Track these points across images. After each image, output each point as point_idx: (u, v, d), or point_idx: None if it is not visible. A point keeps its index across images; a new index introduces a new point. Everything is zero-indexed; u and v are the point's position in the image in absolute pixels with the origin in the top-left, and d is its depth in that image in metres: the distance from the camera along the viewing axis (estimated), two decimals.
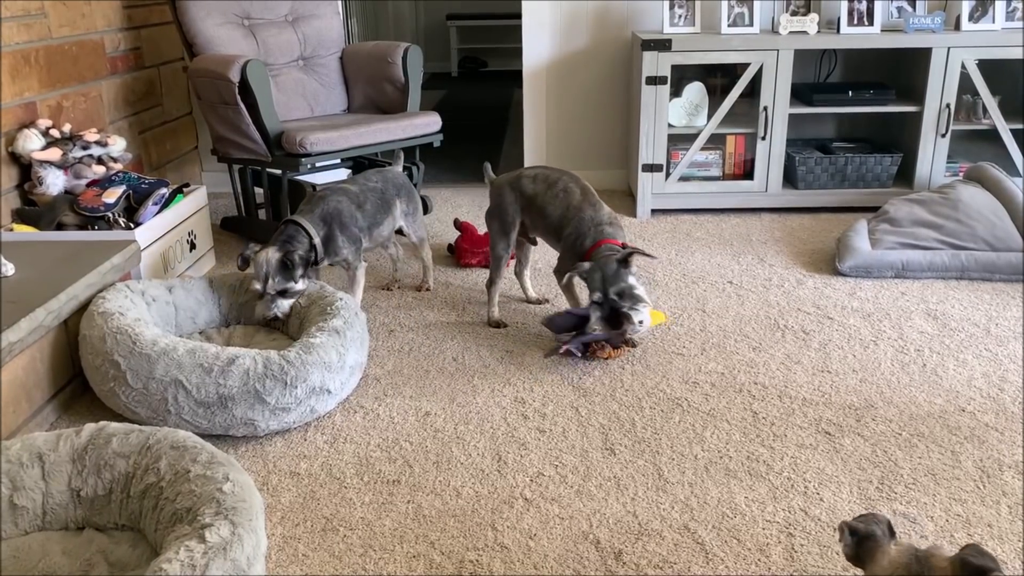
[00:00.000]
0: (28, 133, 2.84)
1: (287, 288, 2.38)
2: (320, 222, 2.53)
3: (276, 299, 2.38)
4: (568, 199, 2.52)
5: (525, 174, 2.64)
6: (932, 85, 3.52)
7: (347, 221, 2.57)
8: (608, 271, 2.31)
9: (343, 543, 1.71)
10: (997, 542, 1.67)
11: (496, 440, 2.07)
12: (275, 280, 2.37)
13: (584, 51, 4.02)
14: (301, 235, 2.47)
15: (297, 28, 3.69)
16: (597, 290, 2.32)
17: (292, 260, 2.37)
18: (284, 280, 2.37)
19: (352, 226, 2.59)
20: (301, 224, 2.49)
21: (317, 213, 2.53)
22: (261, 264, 2.38)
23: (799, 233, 3.51)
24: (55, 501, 1.64)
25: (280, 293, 2.38)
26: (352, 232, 2.59)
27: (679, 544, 1.69)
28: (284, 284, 2.37)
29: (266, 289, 2.37)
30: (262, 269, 2.38)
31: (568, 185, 2.55)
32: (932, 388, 2.26)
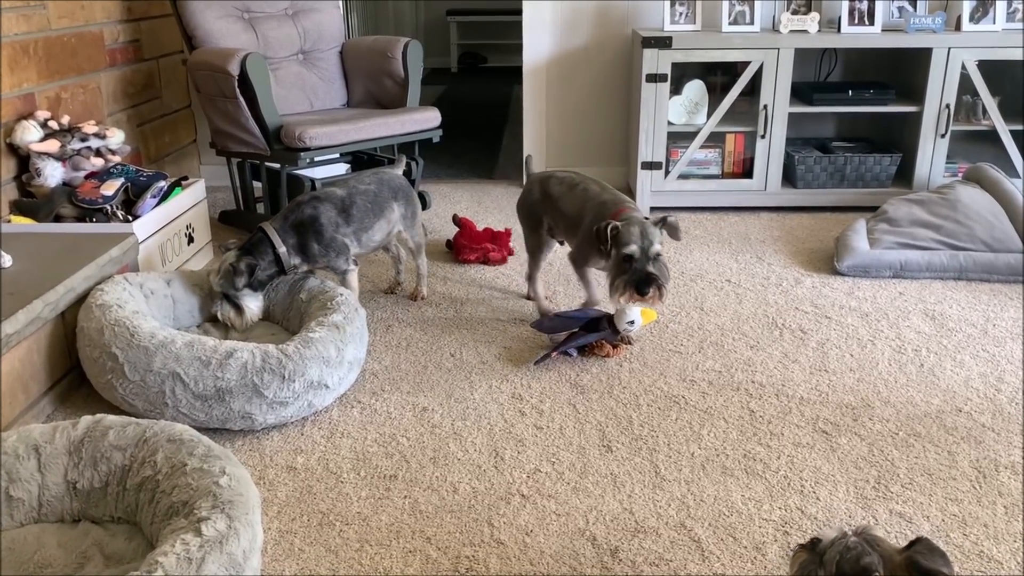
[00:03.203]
0: (26, 124, 2.83)
1: (227, 293, 2.39)
2: (291, 230, 2.46)
3: (221, 301, 2.40)
4: (586, 194, 2.48)
5: (555, 175, 2.63)
6: (932, 85, 3.52)
7: (323, 228, 2.48)
8: (646, 227, 2.20)
9: (339, 538, 1.71)
10: (993, 542, 1.67)
11: (493, 436, 2.07)
12: (217, 280, 2.39)
13: (584, 48, 4.02)
14: (264, 245, 2.42)
15: (297, 22, 3.68)
16: (634, 243, 2.18)
17: (237, 268, 2.37)
18: (224, 283, 2.38)
19: (330, 232, 2.50)
20: (267, 233, 2.44)
21: (289, 220, 2.47)
22: (220, 262, 2.42)
23: (798, 232, 3.51)
24: (51, 493, 1.64)
25: (223, 295, 2.40)
26: (329, 238, 2.50)
27: (675, 541, 1.69)
28: (225, 288, 2.38)
29: (213, 286, 2.41)
30: (218, 267, 2.42)
31: (588, 185, 2.52)
32: (929, 388, 2.26)
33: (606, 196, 2.43)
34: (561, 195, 2.56)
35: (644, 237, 2.18)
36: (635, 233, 2.19)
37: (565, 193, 2.55)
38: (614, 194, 2.45)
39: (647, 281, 2.16)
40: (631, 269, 2.18)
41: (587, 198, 2.47)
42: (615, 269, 2.21)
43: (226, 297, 2.40)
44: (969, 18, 3.59)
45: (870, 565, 1.17)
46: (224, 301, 2.40)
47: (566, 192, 2.55)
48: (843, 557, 1.20)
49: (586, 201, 2.47)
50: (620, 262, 2.19)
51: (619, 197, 2.42)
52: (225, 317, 2.42)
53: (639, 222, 2.22)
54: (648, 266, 2.17)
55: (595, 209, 2.40)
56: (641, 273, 2.17)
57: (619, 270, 2.20)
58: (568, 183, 2.57)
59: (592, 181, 2.55)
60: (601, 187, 2.51)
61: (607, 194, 2.45)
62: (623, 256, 2.19)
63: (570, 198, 2.53)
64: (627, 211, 2.30)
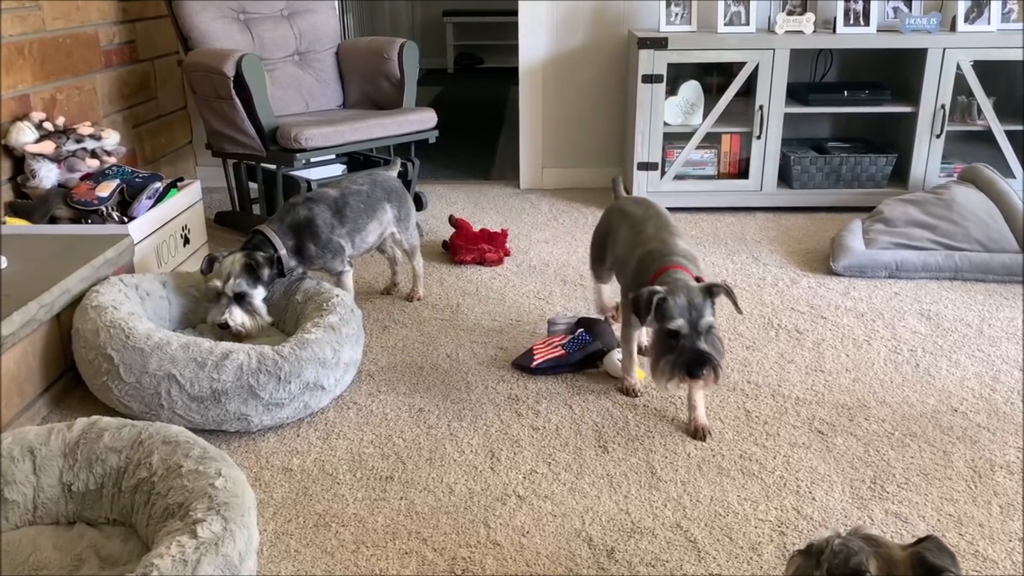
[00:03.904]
0: (21, 126, 2.83)
1: (245, 293, 2.31)
2: (289, 231, 2.45)
3: (232, 305, 2.30)
4: (638, 237, 2.16)
5: (626, 205, 2.35)
6: (927, 86, 3.53)
7: (319, 230, 2.48)
8: (694, 296, 1.84)
9: (335, 539, 1.71)
10: (988, 542, 1.68)
11: (489, 437, 2.07)
12: (235, 281, 2.29)
13: (580, 49, 4.02)
14: (267, 246, 2.41)
15: (293, 23, 3.68)
16: (681, 317, 1.82)
17: (257, 261, 2.32)
18: (246, 283, 2.30)
19: (326, 234, 2.49)
20: (267, 235, 2.42)
21: (286, 222, 2.46)
22: (226, 265, 2.32)
23: (794, 232, 3.51)
24: (46, 495, 1.64)
25: (238, 298, 2.30)
26: (325, 239, 2.49)
27: (671, 542, 1.69)
28: (244, 287, 2.30)
29: (224, 289, 2.30)
30: (225, 270, 2.31)
31: (646, 225, 2.19)
32: (925, 388, 2.27)
33: (654, 245, 2.08)
34: (617, 229, 2.29)
35: (692, 308, 1.83)
36: (681, 304, 1.83)
37: (621, 228, 2.27)
38: (664, 242, 2.08)
39: (699, 362, 1.79)
40: (678, 348, 1.82)
41: (636, 242, 2.14)
42: (659, 347, 1.85)
43: (238, 301, 2.31)
44: (964, 19, 3.60)
45: (859, 566, 1.17)
46: (234, 307, 2.30)
47: (623, 228, 2.26)
48: (831, 562, 1.20)
49: (635, 246, 2.13)
50: (664, 338, 1.84)
51: (668, 247, 2.06)
52: (238, 325, 2.30)
53: (685, 289, 1.86)
54: (699, 342, 1.82)
55: (639, 260, 2.08)
56: (692, 353, 1.80)
57: (664, 348, 1.84)
58: (629, 218, 2.26)
59: (654, 219, 2.20)
60: (657, 228, 2.16)
61: (656, 241, 2.10)
62: (667, 332, 1.83)
63: (623, 236, 2.24)
64: (671, 270, 1.95)
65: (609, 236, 2.34)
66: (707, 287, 1.86)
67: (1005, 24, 3.62)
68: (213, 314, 2.33)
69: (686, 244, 2.09)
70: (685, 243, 2.10)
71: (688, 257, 2.03)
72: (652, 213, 2.24)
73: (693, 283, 1.89)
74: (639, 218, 2.23)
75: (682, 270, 1.95)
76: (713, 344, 1.84)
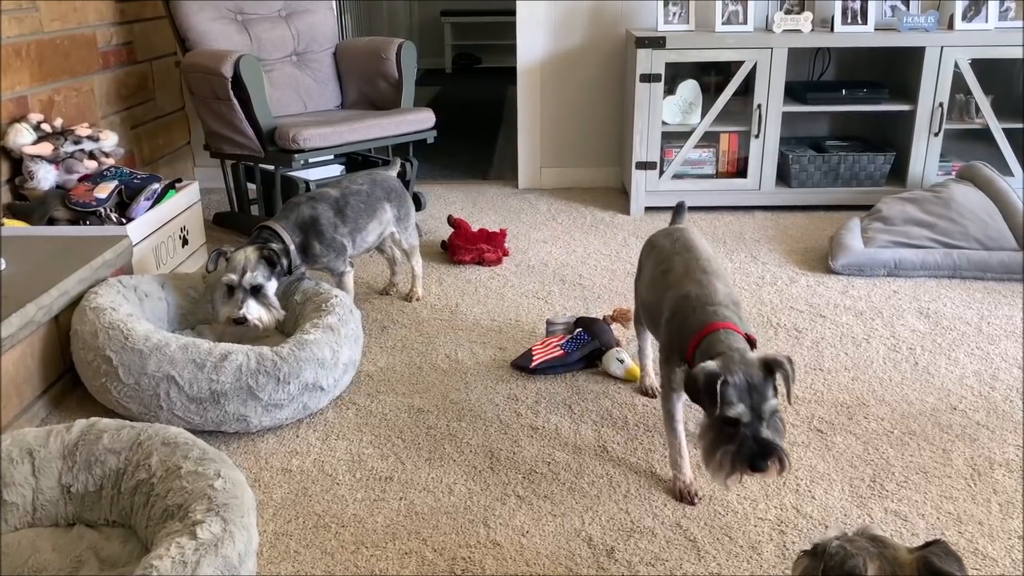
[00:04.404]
0: (19, 127, 2.83)
1: (261, 286, 2.27)
2: (295, 229, 2.43)
3: (247, 298, 2.26)
4: (667, 275, 1.86)
5: (657, 235, 2.07)
6: (925, 84, 3.53)
7: (324, 228, 2.47)
8: (754, 374, 1.55)
9: (335, 540, 1.71)
10: (988, 540, 1.68)
11: (489, 437, 2.07)
12: (251, 274, 2.25)
13: (578, 48, 4.02)
14: (276, 240, 2.39)
15: (291, 23, 3.68)
16: (741, 403, 1.54)
17: (274, 252, 2.29)
18: (261, 275, 2.27)
19: (330, 233, 2.49)
20: (276, 230, 2.40)
21: (292, 220, 2.44)
22: (239, 259, 2.28)
23: (792, 231, 3.51)
24: (45, 497, 1.64)
25: (253, 291, 2.27)
26: (329, 238, 2.48)
27: (671, 541, 1.69)
28: (260, 280, 2.26)
29: (241, 282, 2.25)
30: (239, 263, 2.27)
31: (674, 262, 1.88)
32: (924, 386, 2.27)
33: (690, 288, 1.76)
34: (643, 267, 2.03)
35: (754, 390, 1.54)
36: (740, 385, 1.54)
37: (647, 266, 1.99)
38: (701, 285, 1.76)
39: (764, 454, 1.53)
40: (738, 437, 1.54)
41: (666, 283, 1.84)
42: (714, 434, 1.58)
43: (254, 294, 2.27)
44: (962, 17, 3.60)
45: (854, 568, 1.17)
46: (251, 300, 2.25)
47: (649, 265, 1.98)
48: (828, 563, 1.20)
49: (664, 288, 1.84)
50: (721, 425, 1.56)
51: (707, 293, 1.74)
52: (256, 319, 2.25)
53: (743, 365, 1.56)
54: (762, 430, 1.54)
55: (673, 308, 1.77)
56: (755, 444, 1.54)
57: (720, 436, 1.57)
58: (656, 253, 1.97)
59: (682, 253, 1.89)
60: (686, 265, 1.85)
61: (690, 283, 1.78)
62: (725, 419, 1.55)
63: (648, 274, 1.96)
64: (719, 330, 1.65)
65: (639, 275, 2.08)
66: (767, 362, 1.57)
67: (1003, 22, 3.62)
68: (227, 309, 2.27)
69: (725, 284, 1.79)
70: (724, 283, 1.79)
71: (731, 304, 1.73)
72: (681, 245, 1.92)
73: (750, 355, 1.59)
74: (666, 252, 1.93)
75: (731, 329, 1.65)
76: (776, 428, 1.57)
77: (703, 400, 1.56)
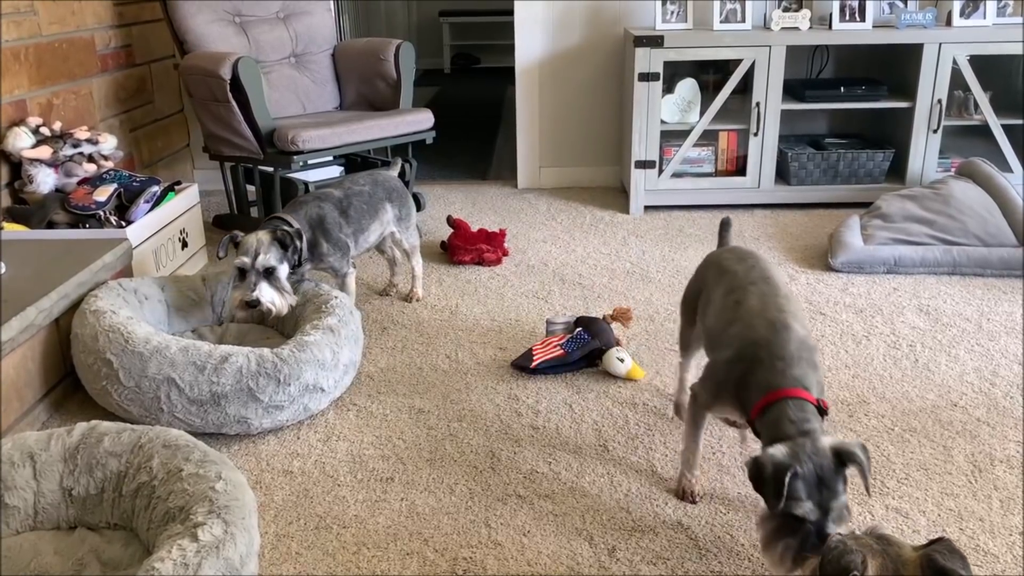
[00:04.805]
0: (18, 131, 2.83)
1: (274, 268, 2.24)
2: (304, 225, 2.42)
3: (260, 282, 2.22)
4: (739, 308, 1.71)
5: (724, 258, 1.90)
6: (924, 81, 3.53)
7: (330, 227, 2.47)
8: (825, 468, 1.41)
9: (336, 541, 1.71)
10: (989, 536, 1.68)
11: (490, 437, 2.07)
12: (264, 256, 2.22)
13: (577, 48, 4.02)
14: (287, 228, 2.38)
15: (289, 25, 3.68)
16: (809, 500, 1.39)
17: (288, 234, 2.26)
18: (275, 257, 2.24)
19: (336, 232, 2.49)
20: (287, 219, 2.39)
21: (301, 215, 2.43)
22: (251, 242, 2.24)
23: (791, 229, 3.51)
24: (47, 500, 1.64)
25: (266, 273, 2.23)
26: (336, 238, 2.48)
27: (673, 540, 1.69)
28: (273, 262, 2.23)
29: (254, 265, 2.22)
30: (251, 246, 2.24)
31: (749, 295, 1.72)
32: (924, 383, 2.27)
33: (762, 332, 1.60)
34: (712, 290, 1.85)
35: (823, 486, 1.40)
36: (809, 478, 1.40)
37: (717, 291, 1.82)
38: (776, 330, 1.60)
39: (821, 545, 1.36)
40: (802, 531, 1.40)
41: (735, 317, 1.69)
42: (775, 523, 1.43)
43: (267, 277, 2.23)
44: (960, 13, 3.60)
45: (849, 564, 1.17)
46: (264, 283, 2.22)
47: (719, 291, 1.81)
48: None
49: (732, 322, 1.69)
50: (784, 517, 1.41)
51: (781, 343, 1.57)
52: (269, 303, 2.21)
53: (814, 455, 1.42)
54: (828, 525, 1.39)
55: (740, 351, 1.62)
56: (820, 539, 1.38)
57: (783, 528, 1.42)
58: (728, 278, 1.81)
59: (759, 284, 1.74)
60: (763, 300, 1.69)
61: (763, 325, 1.62)
62: (788, 513, 1.40)
63: (717, 301, 1.80)
64: (788, 398, 1.50)
65: (702, 296, 1.91)
66: (840, 453, 1.42)
67: (1001, 18, 3.62)
68: (240, 292, 2.24)
69: (802, 326, 1.63)
70: (801, 325, 1.63)
71: (805, 355, 1.57)
72: (758, 274, 1.78)
73: (822, 442, 1.44)
74: (740, 279, 1.78)
75: (802, 397, 1.50)
76: (840, 518, 1.42)
77: (767, 493, 1.42)
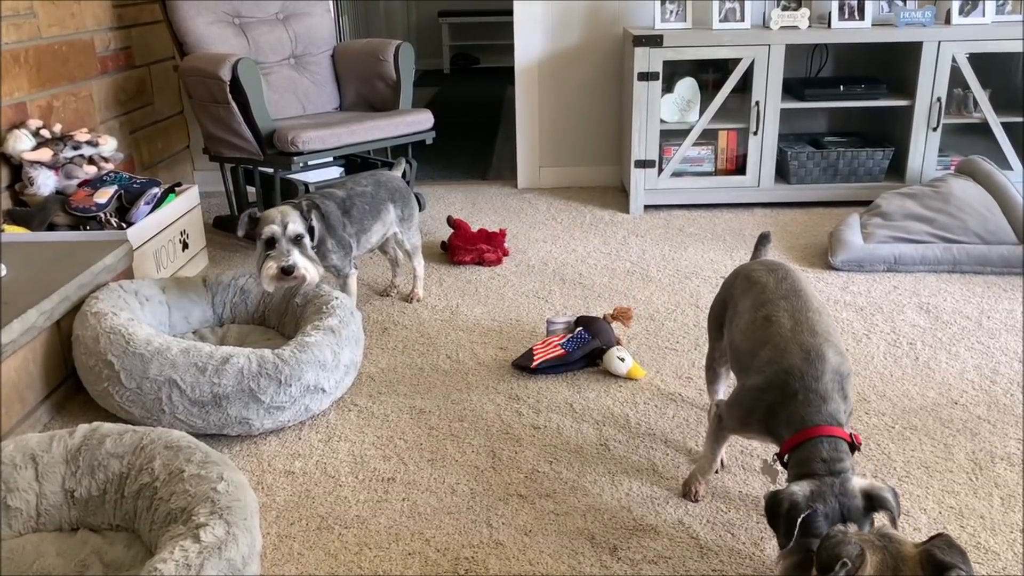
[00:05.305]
0: (18, 133, 2.83)
1: (302, 235, 2.27)
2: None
3: (292, 249, 2.24)
4: (768, 326, 1.62)
5: (755, 271, 1.80)
6: (923, 79, 3.53)
7: (334, 225, 2.49)
8: (852, 509, 1.37)
9: (338, 541, 1.72)
10: (990, 533, 1.68)
11: (491, 437, 2.07)
12: (293, 225, 2.25)
13: (576, 47, 4.02)
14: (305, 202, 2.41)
15: (288, 26, 3.68)
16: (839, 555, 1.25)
17: (314, 204, 2.30)
18: (302, 225, 2.27)
19: (340, 231, 2.50)
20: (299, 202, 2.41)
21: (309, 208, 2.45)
22: (274, 214, 2.27)
23: (791, 228, 3.51)
24: (49, 502, 1.64)
25: (295, 241, 2.26)
26: (340, 236, 2.50)
27: (674, 539, 1.69)
28: (301, 229, 2.26)
29: (285, 232, 2.24)
30: (276, 217, 2.26)
31: (779, 313, 1.63)
32: (924, 381, 2.27)
33: (795, 360, 1.52)
34: (739, 303, 1.76)
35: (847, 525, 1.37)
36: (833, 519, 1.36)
37: (744, 304, 1.74)
38: (808, 355, 1.52)
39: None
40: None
41: (765, 337, 1.61)
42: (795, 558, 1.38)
43: (297, 244, 2.26)
44: (959, 11, 3.60)
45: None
46: (295, 251, 2.24)
47: (746, 305, 1.73)
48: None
49: (762, 343, 1.61)
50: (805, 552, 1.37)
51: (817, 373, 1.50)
52: (303, 269, 2.23)
53: (840, 497, 1.37)
54: None
55: (770, 377, 1.54)
56: None
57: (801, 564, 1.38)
58: (756, 291, 1.72)
59: (791, 299, 1.66)
60: (794, 318, 1.61)
61: (796, 350, 1.53)
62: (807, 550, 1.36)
63: (744, 315, 1.71)
64: (821, 436, 1.44)
65: (728, 308, 1.81)
66: (869, 495, 1.38)
67: (1000, 16, 3.62)
68: (273, 261, 2.25)
69: (836, 352, 1.54)
70: (835, 350, 1.54)
71: (839, 384, 1.51)
72: (788, 287, 1.70)
73: (852, 483, 1.39)
74: (770, 293, 1.69)
75: (836, 435, 1.44)
76: None
77: (778, 529, 1.38)
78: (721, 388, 1.96)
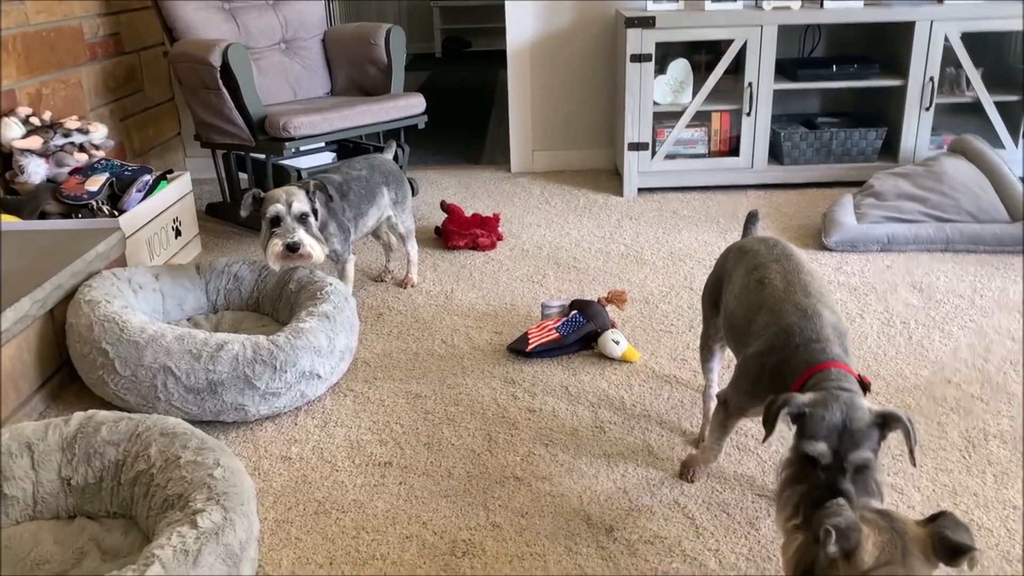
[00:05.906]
0: (8, 121, 2.81)
1: (307, 214, 2.29)
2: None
3: (297, 227, 2.26)
4: (762, 288, 1.63)
5: (746, 241, 1.83)
6: (916, 58, 3.52)
7: (336, 210, 2.50)
8: (855, 419, 1.32)
9: (336, 525, 1.72)
10: (983, 511, 1.69)
11: (486, 421, 2.07)
12: (299, 203, 2.27)
13: (568, 29, 4.00)
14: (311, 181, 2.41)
15: (278, 11, 3.65)
16: (824, 441, 1.31)
17: (320, 184, 2.31)
18: (307, 204, 2.29)
19: (340, 216, 2.51)
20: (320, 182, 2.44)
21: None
22: (279, 193, 2.28)
23: (785, 208, 3.52)
24: (45, 490, 1.64)
25: (300, 219, 2.28)
26: (340, 221, 2.51)
27: (669, 519, 1.70)
28: (307, 208, 2.28)
29: (290, 211, 2.26)
30: (281, 196, 2.27)
31: (768, 267, 1.66)
32: (918, 360, 2.28)
33: (793, 319, 1.52)
34: (732, 273, 1.77)
35: (847, 433, 1.32)
36: (831, 423, 1.32)
37: (737, 271, 1.74)
38: (805, 314, 1.52)
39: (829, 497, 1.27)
40: (812, 479, 1.32)
41: (759, 301, 1.61)
42: (790, 471, 1.37)
43: (302, 223, 2.28)
44: None
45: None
46: (300, 228, 2.26)
47: (739, 271, 1.73)
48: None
49: (756, 307, 1.61)
50: (800, 462, 1.35)
51: (816, 328, 1.49)
52: (309, 247, 2.25)
53: (846, 406, 1.33)
54: (843, 482, 1.30)
55: (769, 338, 1.53)
56: (826, 493, 1.28)
57: (796, 475, 1.35)
58: (749, 258, 1.74)
59: (782, 262, 1.67)
60: (786, 279, 1.62)
61: (792, 310, 1.54)
62: (804, 455, 1.33)
63: (738, 281, 1.72)
64: (829, 369, 1.42)
65: (722, 283, 1.80)
66: (882, 415, 1.34)
67: None
68: (280, 237, 2.26)
69: (831, 311, 1.54)
70: (830, 310, 1.55)
71: (838, 338, 1.50)
72: (780, 252, 1.71)
73: (861, 401, 1.36)
74: (762, 257, 1.71)
75: (844, 370, 1.42)
76: (867, 488, 1.31)
77: (768, 423, 1.38)
78: (716, 366, 1.95)
